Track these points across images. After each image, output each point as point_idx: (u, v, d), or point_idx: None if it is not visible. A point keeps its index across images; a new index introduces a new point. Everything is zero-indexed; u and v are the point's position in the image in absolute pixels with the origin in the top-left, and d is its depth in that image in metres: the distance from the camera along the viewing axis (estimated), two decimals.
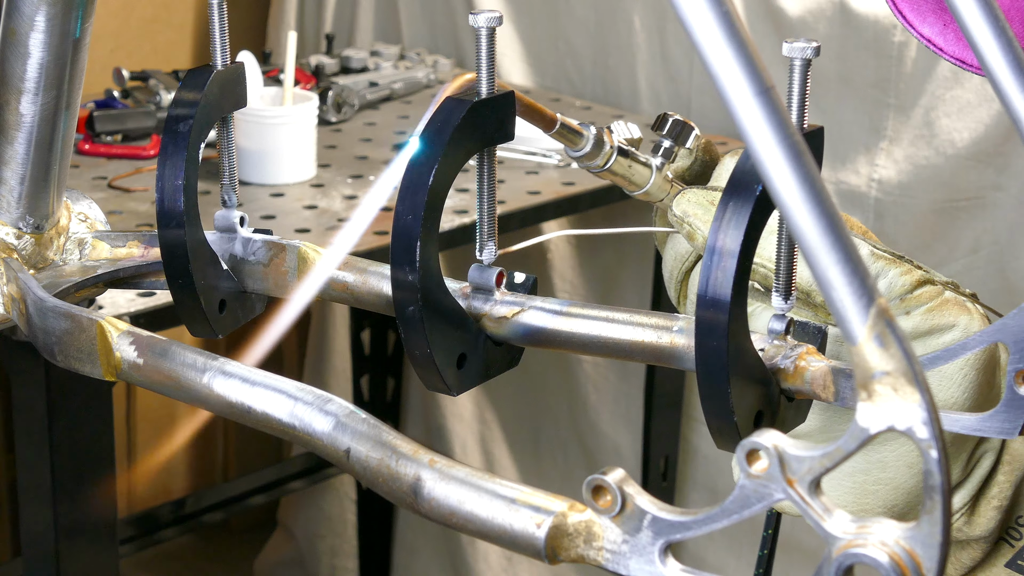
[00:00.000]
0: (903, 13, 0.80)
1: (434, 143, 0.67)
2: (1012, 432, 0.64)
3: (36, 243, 0.84)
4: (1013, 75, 0.60)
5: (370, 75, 2.39)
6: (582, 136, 0.74)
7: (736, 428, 0.63)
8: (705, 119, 2.30)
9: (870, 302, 0.44)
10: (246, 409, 0.65)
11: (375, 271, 0.77)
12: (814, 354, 0.67)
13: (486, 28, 0.68)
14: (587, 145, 0.75)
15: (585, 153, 0.75)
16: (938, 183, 2.02)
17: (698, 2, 0.45)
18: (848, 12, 2.06)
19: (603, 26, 2.42)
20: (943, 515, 0.44)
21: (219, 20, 0.78)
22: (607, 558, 0.53)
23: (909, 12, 0.80)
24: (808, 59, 0.62)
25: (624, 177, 0.77)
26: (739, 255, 0.61)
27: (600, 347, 0.70)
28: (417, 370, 0.70)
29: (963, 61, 0.79)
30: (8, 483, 2.66)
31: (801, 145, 0.45)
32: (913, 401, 0.44)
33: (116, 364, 0.71)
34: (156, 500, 2.85)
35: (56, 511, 1.64)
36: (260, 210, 1.87)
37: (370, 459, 0.60)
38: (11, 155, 0.82)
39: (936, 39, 0.80)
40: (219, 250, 0.81)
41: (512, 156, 2.11)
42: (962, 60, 0.79)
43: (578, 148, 0.75)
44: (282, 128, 1.95)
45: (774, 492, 0.48)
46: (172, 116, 0.77)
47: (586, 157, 0.75)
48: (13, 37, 0.78)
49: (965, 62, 0.79)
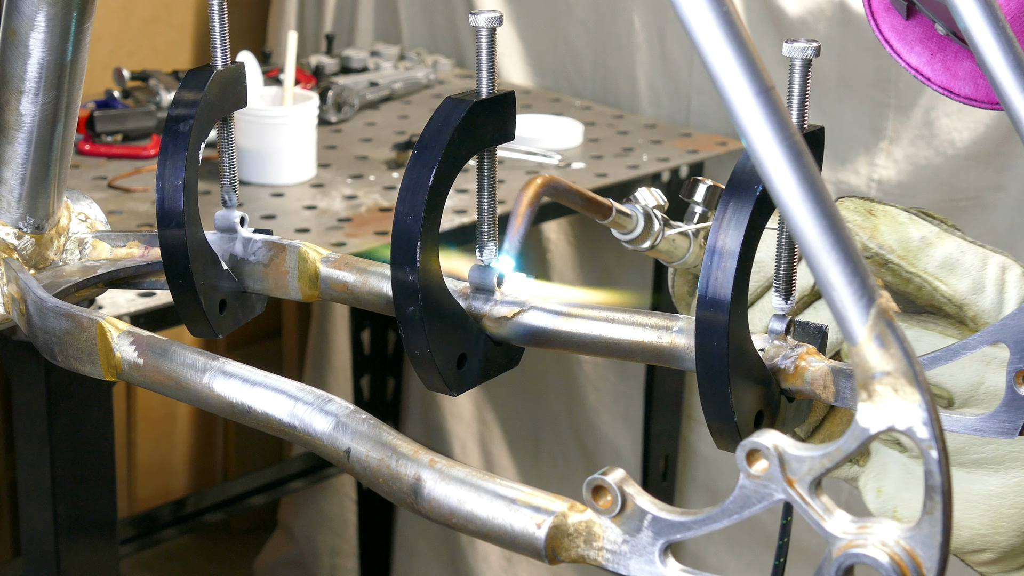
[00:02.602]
0: (890, 43, 0.81)
1: (434, 143, 0.67)
2: (1012, 432, 0.64)
3: (36, 243, 0.84)
4: (1013, 75, 0.60)
5: (370, 75, 2.39)
6: (631, 217, 0.73)
7: (736, 428, 0.63)
8: (705, 119, 2.31)
9: (870, 302, 0.44)
10: (246, 409, 0.65)
11: (375, 271, 0.77)
12: (814, 354, 0.67)
13: (486, 28, 0.68)
14: (637, 227, 0.73)
15: (637, 236, 0.73)
16: (938, 183, 2.02)
17: (698, 2, 0.45)
18: (848, 12, 2.06)
19: (603, 26, 2.42)
20: (943, 515, 0.44)
21: (219, 20, 0.78)
22: (607, 558, 0.53)
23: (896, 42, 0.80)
24: (808, 59, 0.62)
25: (667, 252, 0.76)
26: (739, 255, 0.61)
27: (600, 347, 0.70)
28: (417, 370, 0.70)
29: (950, 90, 0.79)
30: (8, 483, 2.66)
31: (801, 145, 0.45)
32: (913, 401, 0.44)
33: (116, 364, 0.71)
34: (156, 500, 2.86)
35: (56, 511, 1.64)
36: (260, 210, 1.87)
37: (370, 459, 0.60)
38: (11, 155, 0.82)
39: (923, 68, 0.80)
40: (219, 250, 0.81)
41: (512, 156, 2.11)
42: (949, 89, 0.79)
43: (628, 231, 0.73)
44: (282, 128, 1.95)
45: (774, 492, 0.48)
46: (172, 116, 0.77)
47: (637, 239, 0.73)
48: (13, 37, 0.78)
49: (952, 91, 0.79)
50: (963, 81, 0.80)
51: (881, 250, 0.72)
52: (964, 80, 0.80)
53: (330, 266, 0.78)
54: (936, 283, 0.72)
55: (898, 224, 0.73)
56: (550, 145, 2.14)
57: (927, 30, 0.80)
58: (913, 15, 0.79)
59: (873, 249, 0.73)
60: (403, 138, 2.18)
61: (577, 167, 2.09)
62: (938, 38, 0.81)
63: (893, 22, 0.80)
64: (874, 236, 0.73)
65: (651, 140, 2.23)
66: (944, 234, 0.72)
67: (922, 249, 0.68)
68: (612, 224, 0.72)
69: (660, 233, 0.74)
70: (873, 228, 0.73)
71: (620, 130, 2.27)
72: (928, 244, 0.70)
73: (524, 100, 2.40)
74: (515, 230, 0.62)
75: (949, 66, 0.79)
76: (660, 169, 2.12)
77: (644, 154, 2.16)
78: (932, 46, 0.79)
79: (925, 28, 0.80)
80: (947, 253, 0.72)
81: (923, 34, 0.80)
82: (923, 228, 0.72)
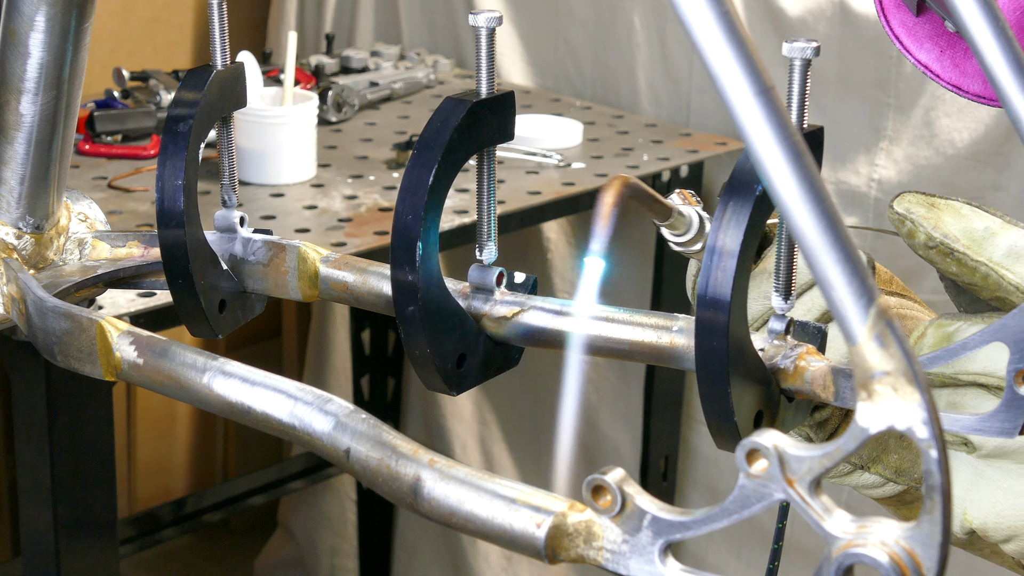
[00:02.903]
0: (900, 39, 0.81)
1: (434, 143, 0.67)
2: (1012, 432, 0.64)
3: (36, 243, 0.84)
4: (1013, 75, 0.60)
5: (370, 75, 2.39)
6: (685, 219, 0.72)
7: (736, 428, 0.63)
8: (705, 119, 2.31)
9: (870, 302, 0.44)
10: (246, 409, 0.65)
11: (375, 271, 0.77)
12: (814, 354, 0.67)
13: (486, 28, 0.68)
14: (690, 230, 0.73)
15: (691, 238, 0.73)
16: (938, 183, 2.02)
17: (698, 2, 0.45)
18: (848, 12, 2.06)
19: (603, 26, 2.42)
20: (943, 515, 0.44)
21: (219, 20, 0.78)
22: (607, 558, 0.53)
23: (906, 38, 0.80)
24: (808, 59, 0.62)
25: None
26: (739, 255, 0.61)
27: (600, 347, 0.70)
28: (417, 370, 0.70)
29: (959, 87, 0.79)
30: (8, 483, 2.66)
31: (801, 145, 0.45)
32: (913, 401, 0.44)
33: (116, 364, 0.71)
34: (156, 500, 2.86)
35: (56, 511, 1.64)
36: (260, 210, 1.87)
37: (370, 459, 0.60)
38: (11, 155, 0.82)
39: (933, 65, 0.80)
40: (219, 250, 0.81)
41: (512, 156, 2.11)
42: (958, 86, 0.79)
43: (681, 232, 0.73)
44: (282, 128, 1.95)
45: (774, 492, 0.48)
46: (172, 116, 0.77)
47: (690, 241, 0.73)
48: (13, 37, 0.78)
49: (961, 88, 0.79)
50: (972, 78, 0.80)
51: (946, 239, 0.73)
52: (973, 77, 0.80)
53: (330, 266, 0.78)
54: (1002, 271, 0.72)
55: (961, 215, 0.73)
56: (550, 145, 2.14)
57: (937, 27, 0.80)
58: (923, 11, 0.79)
59: (938, 239, 0.73)
60: (403, 138, 2.18)
61: (577, 167, 2.09)
62: (948, 35, 0.81)
63: (903, 18, 0.80)
64: (938, 226, 0.73)
65: (651, 140, 2.23)
66: (1007, 224, 0.73)
67: (986, 239, 0.69)
68: (669, 226, 0.72)
69: None
70: (937, 219, 0.73)
71: (620, 130, 2.27)
72: (992, 234, 0.70)
73: (524, 100, 2.40)
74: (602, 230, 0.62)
75: (958, 63, 0.79)
76: (660, 169, 2.12)
77: (644, 154, 2.16)
78: (942, 43, 0.79)
79: (935, 25, 0.80)
80: (1012, 242, 0.72)
81: (933, 31, 0.80)
82: (986, 219, 0.73)
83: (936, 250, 0.73)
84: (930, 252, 0.73)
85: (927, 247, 0.73)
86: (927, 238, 0.73)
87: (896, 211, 0.75)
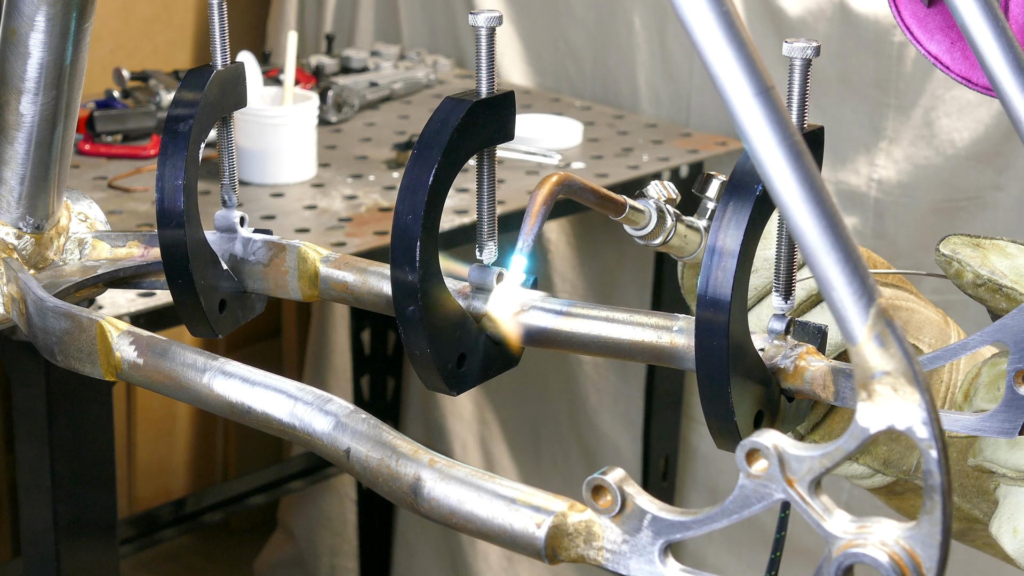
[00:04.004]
0: (911, 30, 0.81)
1: (434, 143, 0.67)
2: (1012, 432, 0.64)
3: (36, 243, 0.84)
4: (1013, 75, 0.60)
5: (370, 75, 2.39)
6: (643, 213, 0.73)
7: (736, 428, 0.63)
8: (705, 119, 2.31)
9: (870, 302, 0.44)
10: (246, 409, 0.65)
11: (375, 271, 0.77)
12: (814, 354, 0.67)
13: (486, 28, 0.68)
14: (650, 223, 0.73)
15: (649, 232, 0.73)
16: (938, 183, 2.02)
17: (698, 2, 0.45)
18: (848, 12, 2.06)
19: (603, 26, 2.42)
20: (943, 515, 0.44)
21: (219, 20, 0.78)
22: (607, 558, 0.53)
23: (917, 29, 0.80)
24: (808, 59, 0.62)
25: (679, 247, 0.76)
26: (739, 255, 0.61)
27: (600, 347, 0.70)
28: (417, 370, 0.70)
29: (969, 80, 0.79)
30: (8, 483, 2.66)
31: (801, 145, 0.45)
32: (913, 401, 0.44)
33: (116, 364, 0.71)
34: (156, 500, 2.86)
35: (56, 511, 1.64)
36: (260, 210, 1.87)
37: (370, 459, 0.60)
38: (11, 155, 0.82)
39: (943, 57, 0.80)
40: (219, 250, 0.81)
41: (512, 156, 2.11)
42: (968, 79, 0.79)
43: (641, 227, 0.73)
44: (282, 128, 1.95)
45: (774, 492, 0.48)
46: (172, 116, 0.77)
47: (650, 235, 0.73)
48: (13, 37, 0.78)
49: (971, 81, 0.80)
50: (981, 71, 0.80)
51: (994, 276, 0.74)
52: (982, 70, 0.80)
53: (330, 266, 0.78)
54: None
55: (1007, 253, 0.75)
56: (550, 145, 2.14)
57: (947, 18, 0.80)
58: (934, 3, 0.79)
59: (986, 276, 0.74)
60: (403, 138, 2.18)
61: (577, 167, 2.09)
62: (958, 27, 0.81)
63: (914, 9, 0.80)
64: (985, 263, 0.74)
65: (651, 140, 2.23)
66: None
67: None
68: (625, 220, 0.72)
69: (672, 229, 0.74)
70: (983, 257, 0.74)
71: (620, 130, 2.27)
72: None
73: (524, 100, 2.40)
74: (529, 228, 0.62)
75: (968, 55, 0.79)
76: (660, 169, 2.12)
77: (644, 154, 2.16)
78: (952, 34, 0.79)
79: (945, 16, 0.80)
80: None
81: (943, 22, 0.80)
82: None
83: (985, 287, 0.74)
84: (979, 290, 0.74)
85: (975, 285, 0.74)
86: (975, 276, 0.74)
87: (943, 253, 0.76)
